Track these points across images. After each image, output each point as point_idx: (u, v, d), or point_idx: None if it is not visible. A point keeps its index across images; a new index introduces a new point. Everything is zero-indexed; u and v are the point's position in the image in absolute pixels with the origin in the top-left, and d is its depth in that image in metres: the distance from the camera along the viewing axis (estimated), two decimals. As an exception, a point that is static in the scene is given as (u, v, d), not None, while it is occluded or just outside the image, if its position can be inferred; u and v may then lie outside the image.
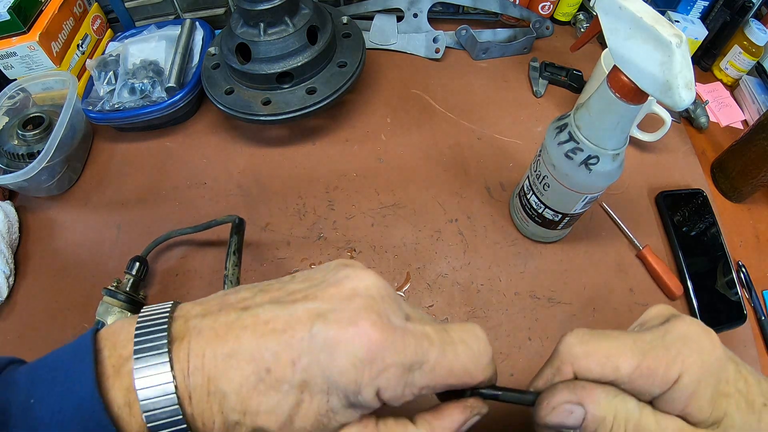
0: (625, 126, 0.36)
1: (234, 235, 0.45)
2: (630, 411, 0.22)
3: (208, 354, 0.21)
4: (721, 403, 0.22)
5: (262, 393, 0.20)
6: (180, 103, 0.58)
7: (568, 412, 0.22)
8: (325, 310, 0.21)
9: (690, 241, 0.52)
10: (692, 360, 0.21)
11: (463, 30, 0.68)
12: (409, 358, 0.20)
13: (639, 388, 0.22)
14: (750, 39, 0.64)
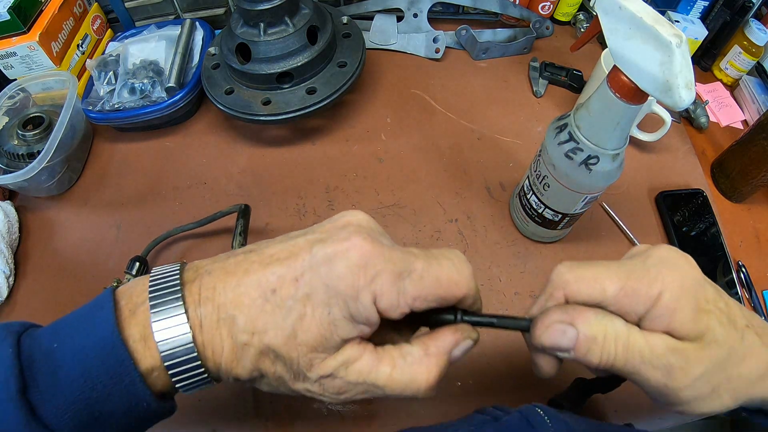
0: (625, 126, 0.36)
1: (240, 218, 0.48)
2: (619, 330, 0.23)
3: (219, 287, 0.23)
4: (702, 318, 0.23)
5: (268, 312, 0.22)
6: (180, 103, 0.58)
7: (561, 331, 0.24)
8: (323, 237, 0.23)
9: (690, 241, 0.52)
10: (671, 278, 0.23)
11: (463, 30, 0.68)
12: (398, 266, 0.22)
13: (625, 308, 0.23)
14: (750, 39, 0.64)
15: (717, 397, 0.24)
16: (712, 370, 0.23)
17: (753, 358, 0.24)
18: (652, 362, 0.23)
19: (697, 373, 0.23)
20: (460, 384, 0.44)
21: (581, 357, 0.24)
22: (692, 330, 0.23)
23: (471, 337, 0.25)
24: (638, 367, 0.23)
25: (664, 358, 0.23)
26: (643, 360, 0.23)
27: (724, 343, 0.23)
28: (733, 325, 0.24)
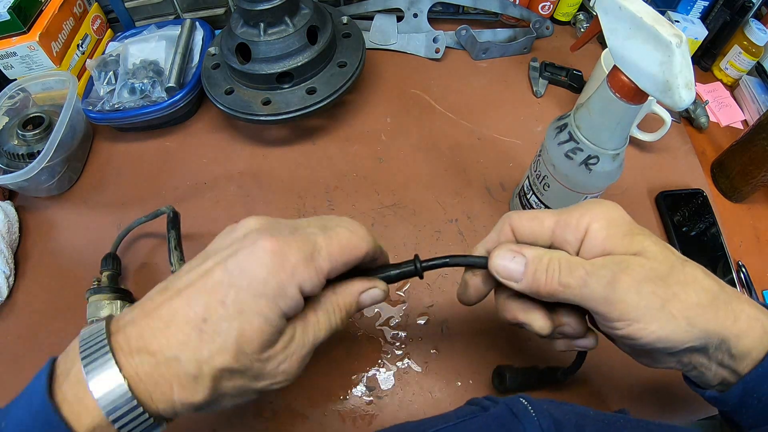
0: (625, 126, 0.36)
1: (171, 230, 0.46)
2: (561, 254, 0.26)
3: (147, 334, 0.23)
4: (636, 239, 0.25)
5: (207, 341, 0.23)
6: (180, 103, 0.58)
7: (511, 257, 0.27)
8: (230, 252, 0.24)
9: (690, 241, 0.52)
10: (598, 212, 0.26)
11: (463, 30, 0.68)
12: (306, 249, 0.24)
13: (560, 238, 0.27)
14: (750, 39, 0.64)
15: (670, 316, 0.24)
16: (655, 279, 0.24)
17: (697, 285, 0.25)
18: (596, 273, 0.25)
19: (639, 276, 0.24)
20: (460, 384, 0.44)
21: (530, 280, 0.26)
22: (628, 248, 0.25)
23: (378, 286, 0.28)
24: (583, 279, 0.25)
25: (605, 268, 0.25)
26: (587, 272, 0.25)
27: (664, 259, 0.25)
28: (670, 251, 0.26)
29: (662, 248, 0.25)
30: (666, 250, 0.25)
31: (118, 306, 0.45)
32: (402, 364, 0.45)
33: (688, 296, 0.24)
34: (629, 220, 0.26)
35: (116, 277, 0.48)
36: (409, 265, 0.29)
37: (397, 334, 0.47)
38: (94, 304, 0.45)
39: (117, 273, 0.49)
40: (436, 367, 0.45)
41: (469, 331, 0.47)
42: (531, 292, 0.27)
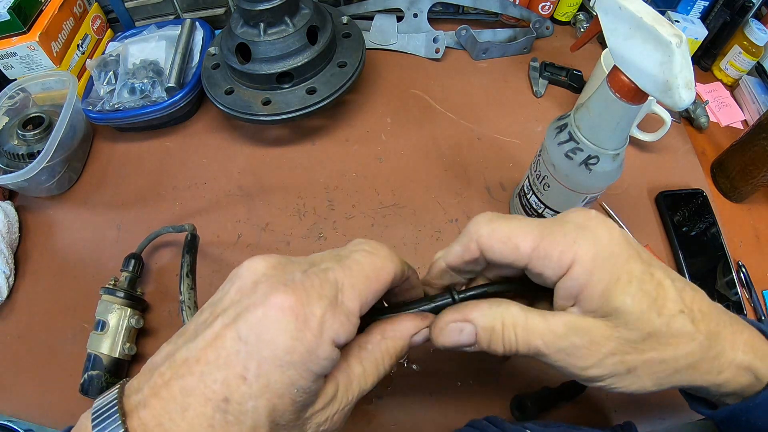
0: (625, 126, 0.36)
1: (186, 254, 0.43)
2: (516, 316, 0.23)
3: (164, 419, 0.19)
4: (615, 297, 0.22)
5: (234, 422, 0.19)
6: (180, 103, 0.58)
7: (458, 330, 0.24)
8: (239, 311, 0.20)
9: (690, 241, 0.52)
10: (585, 249, 0.22)
11: (463, 30, 0.68)
12: (328, 293, 0.20)
13: (537, 269, 0.23)
14: (750, 39, 0.64)
15: (636, 378, 0.23)
16: (623, 349, 0.22)
17: (681, 346, 0.22)
18: (555, 344, 0.22)
19: (603, 352, 0.22)
20: (460, 384, 0.44)
21: (486, 349, 0.24)
22: (600, 307, 0.22)
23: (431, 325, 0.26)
24: (540, 349, 0.23)
25: (565, 339, 0.22)
26: (545, 342, 0.22)
27: (641, 325, 0.22)
28: (656, 307, 0.22)
29: (646, 308, 0.22)
30: (650, 309, 0.22)
31: (127, 314, 0.44)
32: (402, 364, 0.45)
33: (664, 359, 0.22)
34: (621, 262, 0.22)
35: (134, 281, 0.47)
36: (445, 297, 0.26)
37: (397, 334, 0.47)
38: (105, 303, 0.45)
39: (136, 276, 0.48)
40: (436, 367, 0.45)
41: (469, 331, 0.47)
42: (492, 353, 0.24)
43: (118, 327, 0.44)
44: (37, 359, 0.47)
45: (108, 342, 0.43)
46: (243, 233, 0.53)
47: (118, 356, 0.43)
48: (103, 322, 0.44)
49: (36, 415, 0.44)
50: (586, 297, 0.22)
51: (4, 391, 0.45)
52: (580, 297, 0.22)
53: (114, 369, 0.43)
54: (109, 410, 0.20)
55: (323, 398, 0.21)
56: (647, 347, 0.22)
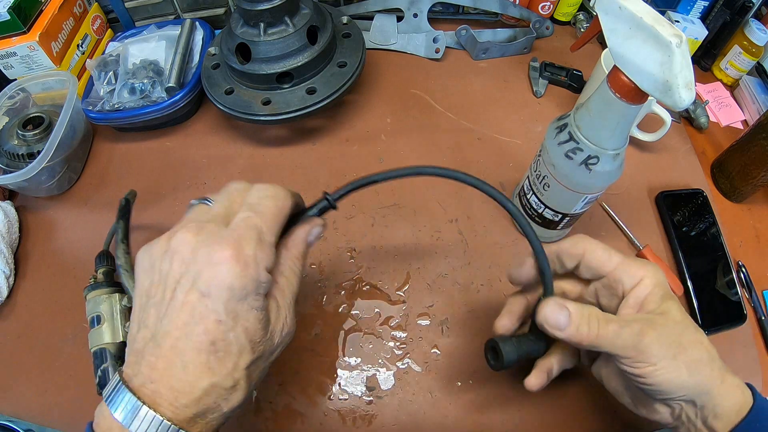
0: (625, 126, 0.36)
1: (119, 220, 0.46)
2: (597, 311, 0.31)
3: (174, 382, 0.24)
4: (667, 302, 0.31)
5: (225, 355, 0.25)
6: (180, 103, 0.58)
7: (559, 308, 0.31)
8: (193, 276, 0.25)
9: (690, 241, 0.52)
10: (652, 271, 0.32)
11: (463, 30, 0.68)
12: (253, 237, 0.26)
13: (617, 277, 0.32)
14: (750, 39, 0.64)
15: (678, 365, 0.29)
16: (672, 333, 0.30)
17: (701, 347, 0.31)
18: (627, 326, 0.30)
19: (661, 330, 0.30)
20: (460, 384, 0.44)
21: (573, 331, 0.30)
22: (658, 307, 0.31)
23: (318, 224, 0.33)
24: (616, 331, 0.30)
25: (635, 322, 0.30)
26: (619, 325, 0.30)
27: (681, 322, 0.31)
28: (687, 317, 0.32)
29: (682, 314, 0.31)
30: (684, 316, 0.31)
31: (116, 299, 0.45)
32: (402, 364, 0.45)
33: (692, 352, 0.30)
34: (666, 284, 0.32)
35: (111, 273, 0.48)
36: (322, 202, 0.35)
37: (397, 334, 0.47)
38: (93, 300, 0.45)
39: (112, 269, 0.48)
40: (436, 367, 0.45)
41: (470, 331, 0.47)
42: (572, 339, 0.31)
43: (113, 313, 0.44)
44: (37, 359, 0.47)
45: (108, 331, 0.43)
46: (243, 233, 0.53)
47: (123, 339, 0.43)
48: (98, 316, 0.44)
49: (36, 415, 0.44)
50: (650, 299, 0.31)
51: (4, 391, 0.45)
52: (646, 300, 0.31)
53: (123, 354, 0.43)
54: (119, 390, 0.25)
55: (274, 310, 0.28)
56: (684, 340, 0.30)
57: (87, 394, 0.44)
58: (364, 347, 0.46)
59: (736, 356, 0.47)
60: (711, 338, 0.48)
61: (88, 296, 0.45)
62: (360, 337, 0.47)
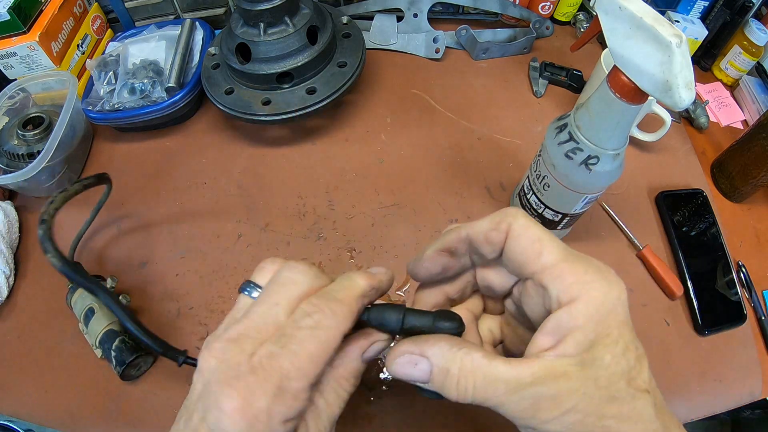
0: (625, 126, 0.36)
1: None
2: (476, 362, 0.22)
3: None
4: (598, 349, 0.21)
5: None
6: (180, 103, 0.58)
7: (412, 363, 0.23)
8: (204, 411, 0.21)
9: (690, 241, 0.52)
10: (595, 294, 0.21)
11: (463, 30, 0.68)
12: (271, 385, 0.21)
13: (543, 283, 0.22)
14: (750, 39, 0.64)
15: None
16: (586, 409, 0.20)
17: (639, 425, 0.21)
18: (518, 393, 0.21)
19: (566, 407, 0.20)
20: (460, 384, 0.44)
21: (438, 390, 0.23)
22: (581, 353, 0.21)
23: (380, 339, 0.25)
24: (501, 399, 0.21)
25: (530, 388, 0.21)
26: (507, 390, 0.21)
27: (608, 385, 0.21)
28: (628, 377, 0.21)
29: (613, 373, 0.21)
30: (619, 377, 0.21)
31: None
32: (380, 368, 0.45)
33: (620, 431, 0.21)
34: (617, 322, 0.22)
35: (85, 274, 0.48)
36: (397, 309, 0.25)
37: (397, 334, 0.47)
38: (79, 298, 0.45)
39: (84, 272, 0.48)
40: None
41: (469, 331, 0.47)
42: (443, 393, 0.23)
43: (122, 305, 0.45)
44: (37, 359, 0.47)
45: (104, 315, 0.44)
46: (243, 233, 0.53)
47: None
48: (90, 309, 0.44)
49: (36, 415, 0.44)
50: (574, 338, 0.21)
51: (4, 391, 0.45)
52: (569, 336, 0.21)
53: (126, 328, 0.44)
54: None
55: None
56: (609, 412, 0.21)
57: (87, 394, 0.44)
58: (364, 347, 0.46)
59: (736, 356, 0.47)
60: (711, 338, 0.49)
61: (72, 299, 0.46)
62: (360, 337, 0.47)
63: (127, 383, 0.44)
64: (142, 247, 0.53)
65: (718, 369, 0.46)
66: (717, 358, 0.47)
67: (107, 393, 0.44)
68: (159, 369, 0.45)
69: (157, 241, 0.53)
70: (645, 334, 0.47)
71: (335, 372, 0.24)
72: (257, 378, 0.21)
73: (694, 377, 0.46)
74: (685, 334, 0.48)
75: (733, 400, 0.46)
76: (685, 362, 0.46)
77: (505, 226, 0.24)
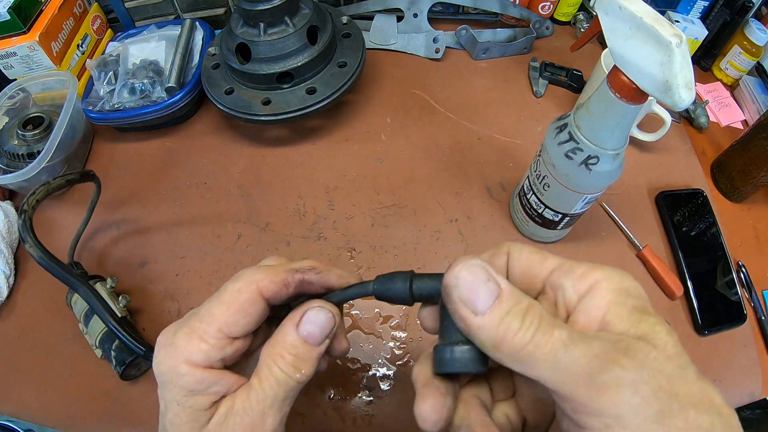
0: (625, 126, 0.36)
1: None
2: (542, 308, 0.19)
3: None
4: (646, 318, 0.18)
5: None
6: (180, 103, 0.58)
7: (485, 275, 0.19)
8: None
9: (690, 241, 0.52)
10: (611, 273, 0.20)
11: (463, 30, 0.68)
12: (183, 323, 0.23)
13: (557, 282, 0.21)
14: (750, 39, 0.64)
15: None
16: (659, 378, 0.16)
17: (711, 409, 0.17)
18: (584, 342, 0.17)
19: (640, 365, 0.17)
20: (460, 384, 0.44)
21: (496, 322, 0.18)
22: (633, 327, 0.18)
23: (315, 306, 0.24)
24: (565, 344, 0.17)
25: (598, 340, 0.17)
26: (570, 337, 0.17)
27: (677, 354, 0.17)
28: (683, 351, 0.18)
29: (676, 342, 0.18)
30: (681, 348, 0.18)
31: (99, 287, 0.46)
32: (402, 364, 0.45)
33: (693, 417, 0.16)
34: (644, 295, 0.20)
35: (85, 274, 0.49)
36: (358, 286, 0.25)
37: (397, 334, 0.47)
38: (79, 300, 0.45)
39: (84, 271, 0.49)
40: (436, 367, 0.45)
41: (469, 331, 0.47)
42: (488, 340, 0.18)
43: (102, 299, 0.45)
44: (37, 359, 0.47)
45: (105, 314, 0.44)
46: (243, 233, 0.53)
47: (121, 315, 0.44)
48: (90, 309, 0.44)
49: (36, 415, 0.44)
50: (617, 314, 0.18)
51: (4, 391, 0.46)
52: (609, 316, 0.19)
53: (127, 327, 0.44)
54: None
55: (217, 417, 0.22)
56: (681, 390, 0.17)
57: (87, 394, 0.44)
58: (364, 347, 0.46)
59: (736, 356, 0.47)
60: (711, 338, 0.49)
61: (73, 299, 0.46)
62: (360, 337, 0.47)
63: (127, 383, 0.44)
64: (142, 247, 0.53)
65: (718, 369, 0.46)
66: (717, 358, 0.47)
67: (107, 393, 0.44)
68: (159, 369, 0.45)
69: (157, 241, 0.53)
70: (645, 334, 0.47)
71: (270, 349, 0.23)
72: (177, 323, 0.23)
73: (694, 377, 0.46)
74: (685, 334, 0.48)
75: (733, 400, 0.46)
76: (685, 362, 0.46)
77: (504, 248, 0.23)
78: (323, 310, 0.24)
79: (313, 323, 0.24)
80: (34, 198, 0.41)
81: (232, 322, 0.23)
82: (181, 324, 0.23)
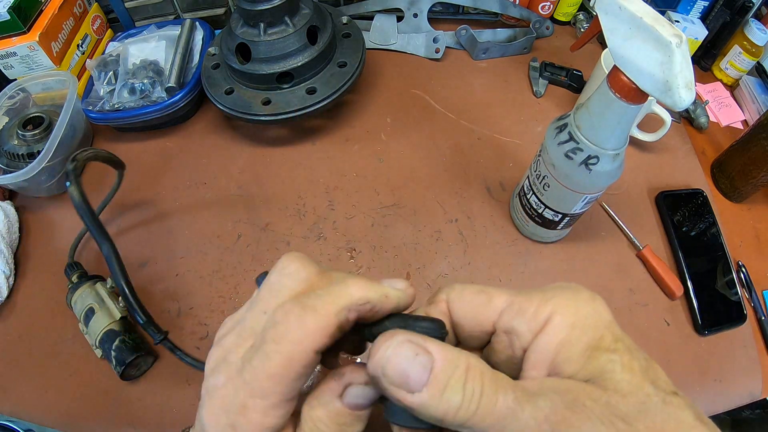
0: (625, 126, 0.36)
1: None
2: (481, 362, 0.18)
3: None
4: (600, 355, 0.18)
5: None
6: (180, 103, 0.58)
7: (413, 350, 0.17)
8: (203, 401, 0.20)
9: (690, 241, 0.52)
10: (565, 303, 0.19)
11: (463, 30, 0.68)
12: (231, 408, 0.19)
13: (508, 325, 0.19)
14: (750, 39, 0.64)
15: None
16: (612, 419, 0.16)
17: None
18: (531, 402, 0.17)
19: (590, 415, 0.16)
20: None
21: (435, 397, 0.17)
22: (583, 367, 0.18)
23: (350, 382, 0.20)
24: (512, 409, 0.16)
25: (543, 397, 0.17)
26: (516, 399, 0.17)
27: (632, 392, 0.17)
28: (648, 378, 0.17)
29: (637, 375, 0.17)
30: (642, 377, 0.17)
31: (99, 286, 0.46)
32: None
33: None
34: (604, 323, 0.19)
35: (85, 274, 0.49)
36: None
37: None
38: (79, 298, 0.46)
39: (84, 272, 0.49)
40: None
41: (469, 331, 0.47)
42: (431, 417, 0.17)
43: (102, 299, 0.45)
44: (37, 359, 0.47)
45: (104, 315, 0.44)
46: (243, 233, 0.53)
47: (122, 315, 0.44)
48: (90, 308, 0.44)
49: (36, 415, 0.44)
50: (567, 355, 0.18)
51: (4, 391, 0.46)
52: (559, 356, 0.18)
53: (127, 327, 0.44)
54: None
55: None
56: (640, 424, 0.16)
57: (87, 394, 0.44)
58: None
59: (736, 356, 0.47)
60: (711, 338, 0.49)
61: (73, 298, 0.46)
62: (360, 337, 0.47)
63: (127, 383, 0.44)
64: (142, 247, 0.53)
65: (718, 369, 0.46)
66: (717, 358, 0.47)
67: (107, 393, 0.44)
68: (159, 369, 0.45)
69: (157, 241, 0.53)
70: (645, 334, 0.47)
71: (312, 412, 0.20)
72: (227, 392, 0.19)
73: (694, 377, 0.46)
74: (685, 334, 0.48)
75: (733, 400, 0.46)
76: (685, 362, 0.46)
77: (442, 296, 0.22)
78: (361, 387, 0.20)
79: (356, 397, 0.20)
80: (85, 155, 0.44)
81: (288, 390, 0.19)
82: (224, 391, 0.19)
